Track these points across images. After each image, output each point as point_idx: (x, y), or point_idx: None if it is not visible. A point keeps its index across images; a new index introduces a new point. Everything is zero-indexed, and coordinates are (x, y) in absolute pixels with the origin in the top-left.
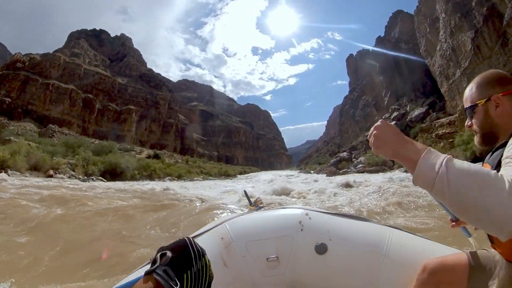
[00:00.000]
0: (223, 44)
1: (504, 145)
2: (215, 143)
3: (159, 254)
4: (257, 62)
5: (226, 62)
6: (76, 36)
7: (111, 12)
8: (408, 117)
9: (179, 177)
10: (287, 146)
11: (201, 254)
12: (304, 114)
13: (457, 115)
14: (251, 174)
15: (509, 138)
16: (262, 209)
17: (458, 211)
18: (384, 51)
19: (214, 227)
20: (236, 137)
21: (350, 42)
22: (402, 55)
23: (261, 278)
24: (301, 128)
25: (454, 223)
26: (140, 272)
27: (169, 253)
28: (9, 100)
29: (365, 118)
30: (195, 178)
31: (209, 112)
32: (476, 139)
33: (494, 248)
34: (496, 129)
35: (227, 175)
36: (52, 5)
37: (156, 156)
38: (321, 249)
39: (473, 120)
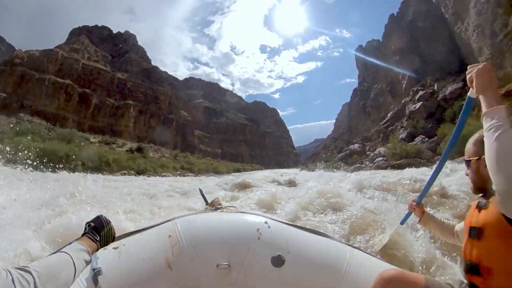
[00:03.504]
0: (230, 42)
1: None
2: (219, 141)
3: (87, 224)
4: (265, 60)
5: (234, 60)
6: (77, 33)
7: (119, 12)
8: (440, 96)
9: (141, 172)
10: (296, 145)
11: (108, 222)
12: (313, 112)
13: None
14: (244, 172)
15: None
16: (218, 210)
17: (490, 155)
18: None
19: (162, 223)
20: (241, 134)
21: (358, 36)
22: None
23: (208, 285)
24: (309, 126)
25: (414, 204)
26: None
27: (92, 223)
28: (4, 95)
29: (377, 108)
30: (163, 174)
31: (213, 109)
32: (471, 187)
33: (472, 282)
34: (485, 184)
35: (216, 172)
36: (61, 6)
37: (139, 150)
38: (278, 261)
39: (468, 171)
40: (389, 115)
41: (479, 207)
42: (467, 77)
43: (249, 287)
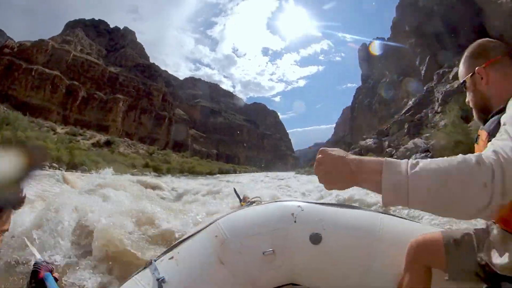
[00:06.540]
0: (233, 44)
1: (501, 110)
2: (215, 141)
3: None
4: (267, 63)
5: (235, 62)
6: (72, 25)
7: (122, 11)
8: None
9: (73, 166)
10: (295, 148)
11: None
12: (313, 116)
13: None
14: (231, 175)
15: (506, 104)
16: (253, 204)
17: (440, 213)
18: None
19: (207, 226)
20: (239, 135)
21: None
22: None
23: (258, 272)
24: (309, 130)
25: None
26: (137, 278)
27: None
28: None
29: (386, 104)
30: (100, 170)
31: (211, 108)
32: (474, 114)
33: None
34: (488, 102)
35: (192, 173)
36: (64, 2)
37: (108, 143)
38: (315, 239)
39: (468, 97)
40: (410, 102)
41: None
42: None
43: (294, 267)
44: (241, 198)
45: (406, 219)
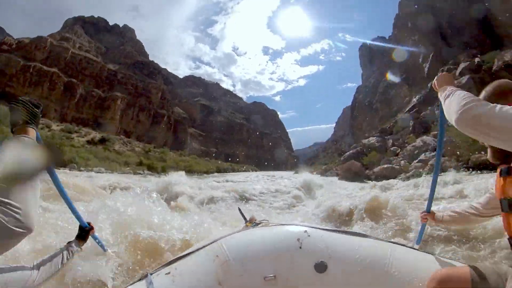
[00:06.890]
0: (233, 43)
1: None
2: (215, 139)
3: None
4: (267, 62)
5: (236, 61)
6: (72, 23)
7: (123, 10)
8: (496, 64)
9: (64, 164)
10: (295, 148)
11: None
12: (313, 116)
13: None
14: (229, 173)
15: None
16: (258, 226)
17: (445, 109)
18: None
19: (208, 245)
20: (238, 134)
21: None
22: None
23: None
24: (309, 130)
25: (424, 214)
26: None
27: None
28: None
29: (387, 103)
30: (90, 168)
31: (210, 107)
32: (489, 153)
33: None
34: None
35: (189, 172)
36: (65, 2)
37: (103, 141)
38: (320, 267)
39: None
40: (414, 99)
41: (503, 175)
42: (433, 85)
43: None
44: (247, 218)
45: (416, 249)
